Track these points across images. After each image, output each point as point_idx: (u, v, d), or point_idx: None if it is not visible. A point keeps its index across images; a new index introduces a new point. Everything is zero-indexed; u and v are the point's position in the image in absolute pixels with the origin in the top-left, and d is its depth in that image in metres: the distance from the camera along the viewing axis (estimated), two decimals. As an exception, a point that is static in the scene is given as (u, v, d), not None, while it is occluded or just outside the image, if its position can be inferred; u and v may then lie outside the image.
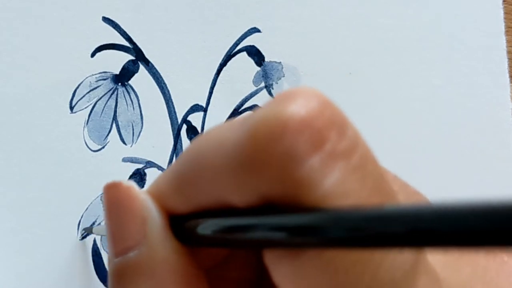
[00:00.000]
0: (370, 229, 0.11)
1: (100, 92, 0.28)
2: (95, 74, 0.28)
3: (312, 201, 0.12)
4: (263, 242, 0.13)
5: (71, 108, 0.27)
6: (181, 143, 0.29)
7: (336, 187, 0.12)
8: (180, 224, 0.16)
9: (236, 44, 0.31)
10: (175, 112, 0.29)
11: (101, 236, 0.27)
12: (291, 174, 0.12)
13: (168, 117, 0.29)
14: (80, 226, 0.27)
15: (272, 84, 0.31)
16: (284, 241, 0.12)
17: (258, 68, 0.31)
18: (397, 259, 0.12)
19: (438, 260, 0.15)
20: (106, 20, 0.28)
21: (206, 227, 0.14)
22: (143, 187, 0.28)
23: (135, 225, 0.16)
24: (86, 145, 0.28)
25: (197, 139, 0.15)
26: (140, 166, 0.28)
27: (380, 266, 0.12)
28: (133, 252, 0.16)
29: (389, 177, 0.19)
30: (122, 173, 0.28)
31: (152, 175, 0.28)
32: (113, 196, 0.16)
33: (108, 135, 0.28)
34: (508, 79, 0.35)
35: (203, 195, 0.14)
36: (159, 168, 0.29)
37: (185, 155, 0.15)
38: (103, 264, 0.27)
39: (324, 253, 0.12)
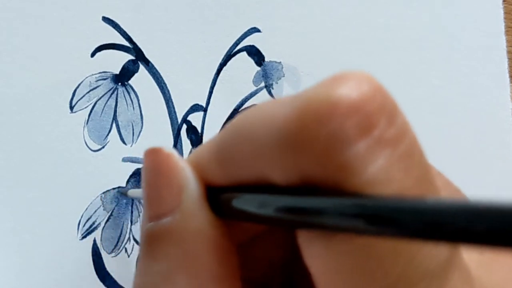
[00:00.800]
0: (413, 222, 0.10)
1: (100, 92, 0.28)
2: (95, 74, 0.28)
3: (354, 186, 0.12)
4: (300, 223, 0.13)
5: (71, 108, 0.28)
6: (181, 143, 0.29)
7: (379, 174, 0.12)
8: (216, 196, 0.15)
9: (236, 44, 0.31)
10: (175, 112, 0.29)
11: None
12: (335, 157, 0.12)
13: (168, 117, 0.29)
14: (80, 226, 0.27)
15: (272, 84, 0.31)
16: (322, 223, 0.12)
17: (258, 68, 0.31)
18: (432, 252, 0.12)
19: (473, 259, 0.15)
20: (106, 20, 0.28)
21: (244, 201, 0.14)
22: (143, 187, 0.28)
23: (171, 192, 0.16)
24: (86, 145, 0.28)
25: (245, 112, 0.15)
26: (140, 166, 0.28)
27: (415, 257, 0.12)
28: (166, 219, 0.15)
29: (433, 172, 0.19)
30: (122, 173, 0.28)
31: (152, 175, 0.28)
32: (152, 162, 0.16)
33: (108, 135, 0.28)
34: (508, 79, 0.35)
35: (244, 168, 0.14)
36: (159, 168, 0.29)
37: (230, 127, 0.15)
38: (103, 264, 0.27)
39: (359, 237, 0.12)
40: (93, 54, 0.28)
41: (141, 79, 0.29)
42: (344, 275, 0.12)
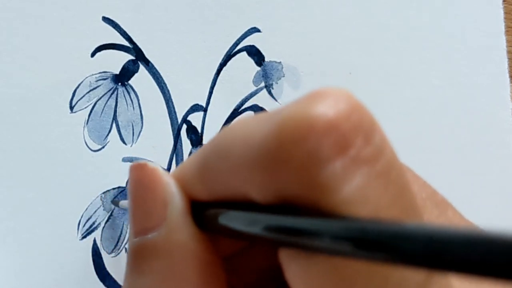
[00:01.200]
0: (382, 245, 0.10)
1: (100, 92, 0.28)
2: (95, 74, 0.28)
3: (331, 206, 0.12)
4: (277, 241, 0.13)
5: (71, 108, 0.28)
6: (181, 143, 0.29)
7: (356, 193, 0.12)
8: (201, 211, 0.15)
9: (236, 44, 0.31)
10: (175, 112, 0.29)
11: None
12: (312, 177, 0.12)
13: (168, 117, 0.29)
14: (80, 226, 0.27)
15: (272, 84, 0.31)
16: (296, 243, 0.12)
17: (258, 68, 0.31)
18: (407, 272, 0.12)
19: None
20: (106, 20, 0.28)
21: (227, 217, 0.14)
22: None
23: (156, 207, 0.16)
24: (86, 145, 0.28)
25: (225, 130, 0.15)
26: (140, 166, 0.28)
27: (389, 278, 0.12)
28: (152, 234, 0.16)
29: (419, 183, 0.19)
30: (122, 173, 0.28)
31: (152, 175, 0.28)
32: (137, 177, 0.16)
33: (108, 135, 0.28)
34: (508, 79, 0.35)
35: (224, 185, 0.14)
36: (159, 168, 0.29)
37: (210, 144, 0.15)
38: (103, 264, 0.27)
39: (334, 257, 0.12)
40: (93, 54, 0.28)
41: (141, 79, 0.29)
42: None
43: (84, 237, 0.27)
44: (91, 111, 0.28)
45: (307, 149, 0.12)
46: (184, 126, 0.29)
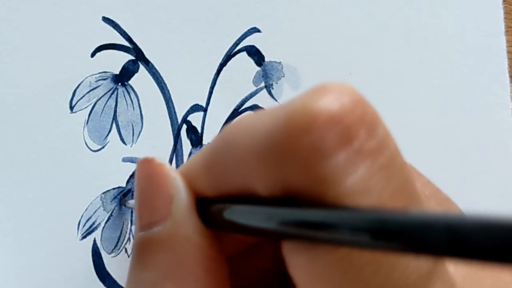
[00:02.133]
0: (389, 233, 0.10)
1: (100, 92, 0.28)
2: (95, 74, 0.28)
3: (334, 197, 0.12)
4: (280, 233, 0.13)
5: (71, 108, 0.28)
6: (181, 143, 0.29)
7: (358, 185, 0.12)
8: (206, 207, 0.16)
9: (236, 44, 0.31)
10: (175, 112, 0.29)
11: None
12: (316, 168, 0.12)
13: (168, 117, 0.29)
14: (80, 226, 0.27)
15: (272, 84, 0.31)
16: (299, 234, 0.12)
17: (258, 68, 0.31)
18: (412, 264, 0.12)
19: (458, 270, 0.15)
20: (106, 20, 0.28)
21: (233, 212, 0.14)
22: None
23: (162, 202, 0.16)
24: (86, 145, 0.28)
25: (231, 125, 0.15)
26: (140, 166, 0.28)
27: (395, 269, 0.12)
28: (157, 228, 0.16)
29: (422, 181, 0.19)
30: (122, 173, 0.28)
31: (152, 175, 0.28)
32: (144, 171, 0.17)
33: (108, 135, 0.28)
34: (508, 79, 0.35)
35: (230, 179, 0.15)
36: (159, 168, 0.29)
37: (217, 139, 0.15)
38: (103, 264, 0.27)
39: (339, 248, 0.12)
40: (93, 54, 0.28)
41: (141, 79, 0.29)
42: (326, 286, 0.12)
43: (84, 237, 0.27)
44: (91, 111, 0.28)
45: (311, 141, 0.12)
46: (184, 126, 0.29)
